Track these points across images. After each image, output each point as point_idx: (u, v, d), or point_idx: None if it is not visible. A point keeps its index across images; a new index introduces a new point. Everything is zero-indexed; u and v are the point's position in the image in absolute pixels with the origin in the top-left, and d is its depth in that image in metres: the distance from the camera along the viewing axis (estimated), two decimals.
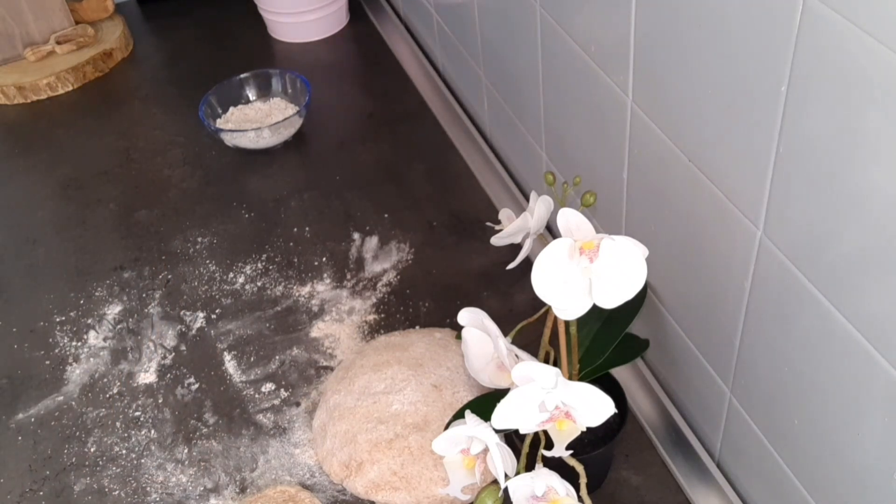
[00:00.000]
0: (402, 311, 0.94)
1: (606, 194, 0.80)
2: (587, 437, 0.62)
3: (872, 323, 0.51)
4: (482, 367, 0.66)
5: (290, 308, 0.96)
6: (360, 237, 1.03)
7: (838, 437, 0.58)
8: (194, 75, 1.34)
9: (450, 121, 1.19)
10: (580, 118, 0.83)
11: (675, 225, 0.71)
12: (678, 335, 0.77)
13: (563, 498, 0.58)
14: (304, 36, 1.40)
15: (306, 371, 0.89)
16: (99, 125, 1.27)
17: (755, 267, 0.61)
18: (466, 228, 1.03)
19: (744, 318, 0.65)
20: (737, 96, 0.56)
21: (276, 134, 1.16)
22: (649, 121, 0.69)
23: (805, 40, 0.48)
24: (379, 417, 0.79)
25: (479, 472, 0.62)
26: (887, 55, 0.43)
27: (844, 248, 0.51)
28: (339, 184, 1.12)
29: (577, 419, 0.57)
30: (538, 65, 0.88)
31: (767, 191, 0.57)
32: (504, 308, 0.92)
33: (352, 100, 1.28)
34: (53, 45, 1.37)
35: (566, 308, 0.54)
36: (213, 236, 1.06)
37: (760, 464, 0.70)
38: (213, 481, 0.80)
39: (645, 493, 0.75)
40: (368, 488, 0.77)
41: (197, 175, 1.16)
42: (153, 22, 1.50)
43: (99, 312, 0.98)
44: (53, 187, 1.16)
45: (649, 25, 0.64)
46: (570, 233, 0.54)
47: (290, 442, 0.83)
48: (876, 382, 0.52)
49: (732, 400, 0.72)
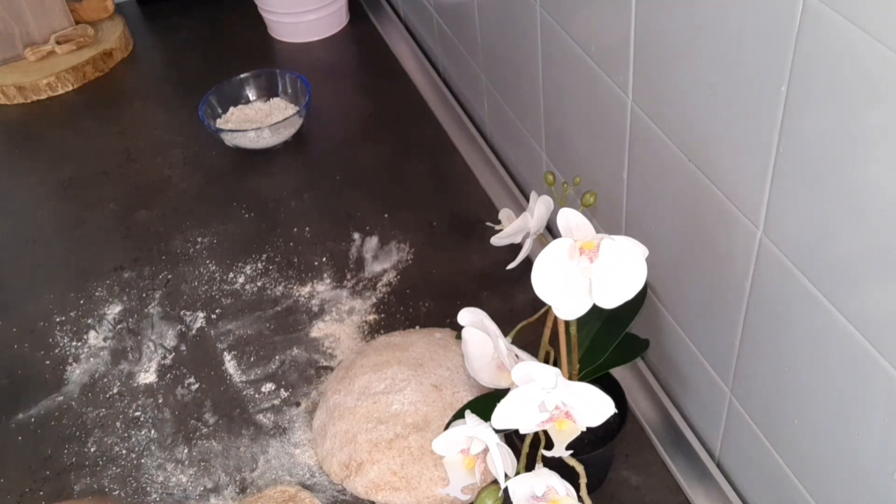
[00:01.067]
0: (402, 311, 0.94)
1: (606, 194, 0.80)
2: (587, 437, 0.62)
3: (872, 323, 0.51)
4: (482, 367, 0.66)
5: (290, 308, 0.96)
6: (360, 237, 1.03)
7: (838, 437, 0.58)
8: (194, 75, 1.34)
9: (450, 121, 1.19)
10: (580, 118, 0.83)
11: (675, 225, 0.71)
12: (678, 335, 0.77)
13: (563, 498, 0.58)
14: (304, 36, 1.40)
15: (306, 371, 0.89)
16: (99, 125, 1.27)
17: (755, 267, 0.61)
18: (466, 228, 1.03)
19: (744, 318, 0.65)
20: (737, 96, 0.56)
21: (276, 134, 1.16)
22: (649, 121, 0.69)
23: (805, 40, 0.48)
24: (379, 417, 0.79)
25: (479, 472, 0.62)
26: (887, 55, 0.43)
27: (844, 248, 0.51)
28: (339, 184, 1.12)
29: (577, 419, 0.57)
30: (538, 65, 0.88)
31: (767, 191, 0.57)
32: (504, 308, 0.92)
33: (352, 100, 1.28)
34: (53, 45, 1.37)
35: (566, 308, 0.54)
36: (213, 236, 1.06)
37: (760, 464, 0.70)
38: (213, 481, 0.80)
39: (645, 493, 0.75)
40: (368, 488, 0.77)
41: (197, 175, 1.16)
42: (153, 22, 1.50)
43: (99, 312, 0.98)
44: (53, 187, 1.16)
45: (649, 25, 0.64)
46: (570, 233, 0.54)
47: (290, 442, 0.83)
48: (876, 382, 0.52)
49: (732, 400, 0.72)
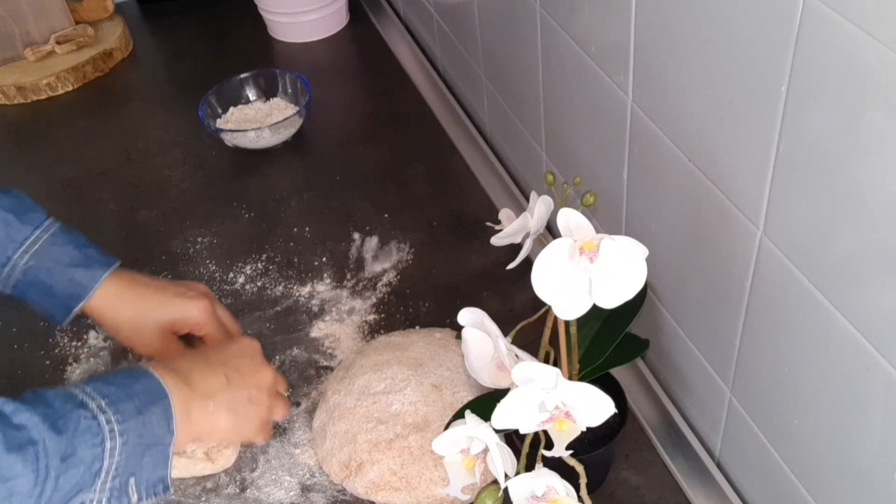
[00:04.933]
0: (402, 311, 0.94)
1: (606, 194, 0.80)
2: (587, 437, 0.62)
3: (872, 323, 0.51)
4: (482, 367, 0.66)
5: (290, 308, 0.96)
6: (360, 237, 1.03)
7: (838, 437, 0.58)
8: (194, 75, 1.34)
9: (450, 121, 1.19)
10: (580, 118, 0.83)
11: (675, 225, 0.71)
12: (678, 335, 0.77)
13: (563, 498, 0.58)
14: (304, 36, 1.40)
15: (306, 371, 0.89)
16: (99, 125, 1.27)
17: (755, 267, 0.61)
18: (466, 228, 1.03)
19: (744, 318, 0.65)
20: (737, 96, 0.56)
21: (276, 134, 1.16)
22: (649, 121, 0.69)
23: (805, 40, 0.48)
24: (379, 417, 0.79)
25: (479, 472, 0.62)
26: (887, 55, 0.43)
27: (844, 248, 0.51)
28: (339, 184, 1.12)
29: (577, 419, 0.57)
30: (538, 65, 0.88)
31: (767, 191, 0.57)
32: (504, 308, 0.92)
33: (352, 100, 1.28)
34: (53, 45, 1.37)
35: (566, 308, 0.54)
36: (213, 236, 1.06)
37: (760, 464, 0.70)
38: (213, 481, 0.80)
39: (645, 493, 0.75)
40: (368, 488, 0.77)
41: (197, 175, 1.16)
42: (153, 22, 1.50)
43: None
44: (53, 187, 1.16)
45: (649, 25, 0.64)
46: (570, 233, 0.54)
47: (290, 442, 0.83)
48: (876, 382, 0.52)
49: (732, 400, 0.72)
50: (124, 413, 0.61)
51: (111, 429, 0.60)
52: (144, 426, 0.62)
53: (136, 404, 0.62)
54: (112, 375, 0.65)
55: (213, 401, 0.69)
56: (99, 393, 0.61)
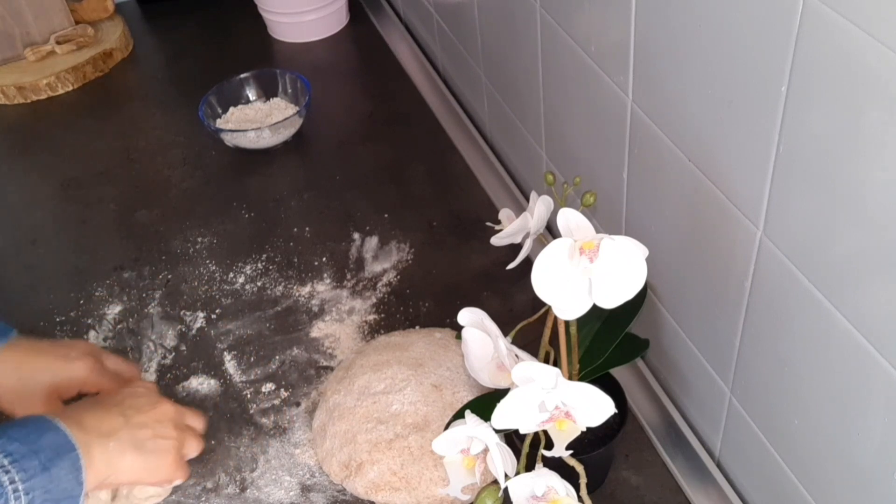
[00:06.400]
0: (402, 311, 0.94)
1: (606, 194, 0.80)
2: (587, 437, 0.62)
3: (872, 323, 0.51)
4: (482, 367, 0.66)
5: (290, 308, 0.96)
6: (360, 237, 1.03)
7: (838, 437, 0.58)
8: (194, 75, 1.34)
9: (450, 121, 1.19)
10: (580, 118, 0.83)
11: (675, 225, 0.71)
12: (678, 335, 0.77)
13: (563, 498, 0.58)
14: (304, 36, 1.40)
15: (306, 371, 0.89)
16: (99, 125, 1.27)
17: (755, 267, 0.61)
18: (466, 228, 1.03)
19: (744, 318, 0.65)
20: (737, 96, 0.56)
21: (276, 134, 1.16)
22: (649, 121, 0.69)
23: (805, 40, 0.48)
24: (379, 417, 0.79)
25: (479, 472, 0.62)
26: (887, 55, 0.43)
27: (844, 248, 0.51)
28: (339, 184, 1.12)
29: (577, 419, 0.57)
30: (538, 65, 0.88)
31: (767, 191, 0.57)
32: (504, 308, 0.92)
33: (352, 100, 1.28)
34: (53, 45, 1.37)
35: (566, 308, 0.54)
36: (213, 236, 1.06)
37: (760, 464, 0.70)
38: (213, 481, 0.80)
39: (645, 493, 0.75)
40: (368, 488, 0.77)
41: (197, 175, 1.16)
42: (153, 22, 1.50)
43: (99, 312, 0.98)
44: (53, 187, 1.16)
45: (649, 25, 0.64)
46: (570, 233, 0.54)
47: (290, 442, 0.83)
48: (876, 382, 0.52)
49: (732, 400, 0.72)
50: (28, 471, 0.59)
51: (15, 488, 0.58)
52: (51, 481, 0.60)
53: (42, 460, 0.60)
54: (15, 430, 0.62)
55: (112, 440, 0.66)
56: (1, 451, 0.59)
